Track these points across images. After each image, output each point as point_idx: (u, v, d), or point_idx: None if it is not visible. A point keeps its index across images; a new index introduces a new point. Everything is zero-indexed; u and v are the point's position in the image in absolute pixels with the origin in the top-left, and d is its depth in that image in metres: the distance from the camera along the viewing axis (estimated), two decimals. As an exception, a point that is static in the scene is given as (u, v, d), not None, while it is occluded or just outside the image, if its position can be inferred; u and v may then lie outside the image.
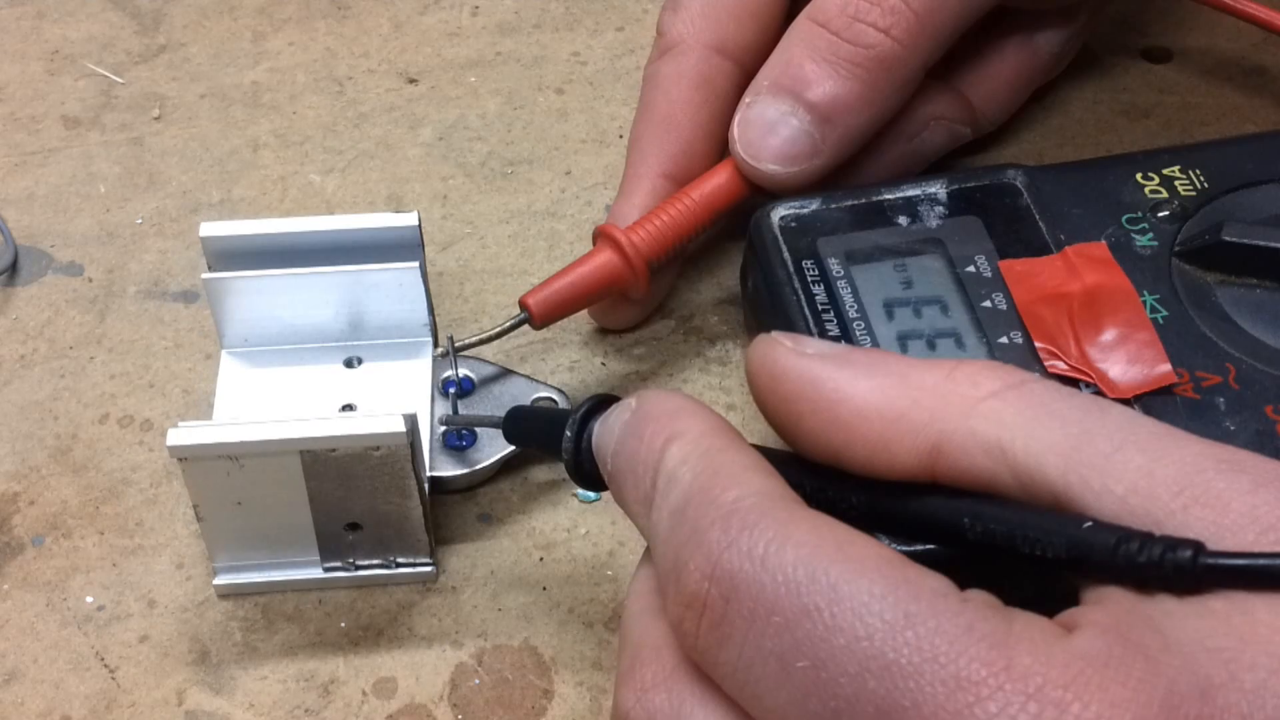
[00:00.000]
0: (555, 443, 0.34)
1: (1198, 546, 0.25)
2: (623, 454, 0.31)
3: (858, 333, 0.40)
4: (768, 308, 0.42)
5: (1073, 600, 0.27)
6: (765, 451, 0.31)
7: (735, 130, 0.44)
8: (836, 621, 0.25)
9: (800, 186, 0.43)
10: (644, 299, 0.45)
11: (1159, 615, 0.25)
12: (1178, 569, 0.25)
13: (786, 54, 0.43)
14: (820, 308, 0.40)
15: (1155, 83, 0.54)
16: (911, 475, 0.29)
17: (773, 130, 0.43)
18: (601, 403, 0.33)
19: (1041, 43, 0.49)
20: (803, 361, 0.30)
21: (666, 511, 0.29)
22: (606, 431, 0.32)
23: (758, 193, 0.44)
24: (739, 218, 0.44)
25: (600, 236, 0.44)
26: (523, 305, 0.43)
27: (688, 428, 0.30)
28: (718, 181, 0.44)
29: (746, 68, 0.45)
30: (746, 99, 0.44)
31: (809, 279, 0.41)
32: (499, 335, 0.43)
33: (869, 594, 0.25)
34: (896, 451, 0.29)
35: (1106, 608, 0.26)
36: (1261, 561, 0.24)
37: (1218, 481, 0.26)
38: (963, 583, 0.26)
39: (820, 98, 0.42)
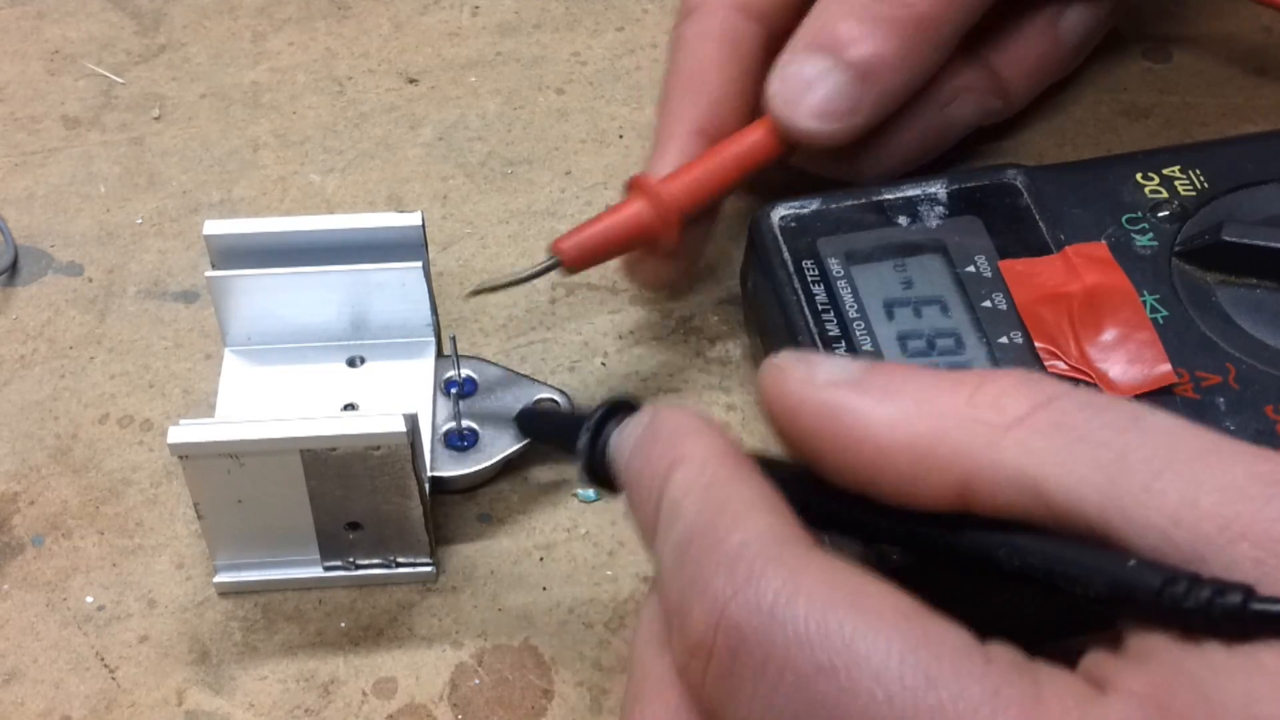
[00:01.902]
0: (571, 442, 0.33)
1: (1248, 591, 0.23)
2: (631, 472, 0.30)
3: (858, 333, 0.40)
4: (768, 308, 0.42)
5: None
6: (773, 465, 0.30)
7: (773, 86, 0.43)
8: (853, 683, 0.24)
9: (837, 145, 0.43)
10: (676, 254, 0.44)
11: (1204, 673, 0.24)
12: (1226, 615, 0.23)
13: (824, 14, 0.43)
14: (820, 308, 0.40)
15: (1155, 83, 0.54)
16: (944, 508, 0.28)
17: (811, 87, 0.42)
18: (615, 408, 0.32)
19: (1068, 23, 0.48)
20: (819, 394, 0.29)
21: (670, 545, 0.28)
22: (622, 443, 0.31)
23: (792, 152, 0.43)
24: (769, 175, 0.44)
25: (632, 187, 0.43)
26: (555, 250, 0.41)
27: (693, 453, 0.29)
28: (753, 139, 0.43)
29: (770, 27, 0.44)
30: (784, 57, 0.43)
31: (809, 279, 0.41)
32: (530, 278, 0.42)
33: (887, 653, 0.24)
34: (924, 489, 0.28)
35: (1148, 671, 0.24)
36: None
37: (1266, 510, 0.24)
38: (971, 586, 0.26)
39: (859, 56, 0.42)
